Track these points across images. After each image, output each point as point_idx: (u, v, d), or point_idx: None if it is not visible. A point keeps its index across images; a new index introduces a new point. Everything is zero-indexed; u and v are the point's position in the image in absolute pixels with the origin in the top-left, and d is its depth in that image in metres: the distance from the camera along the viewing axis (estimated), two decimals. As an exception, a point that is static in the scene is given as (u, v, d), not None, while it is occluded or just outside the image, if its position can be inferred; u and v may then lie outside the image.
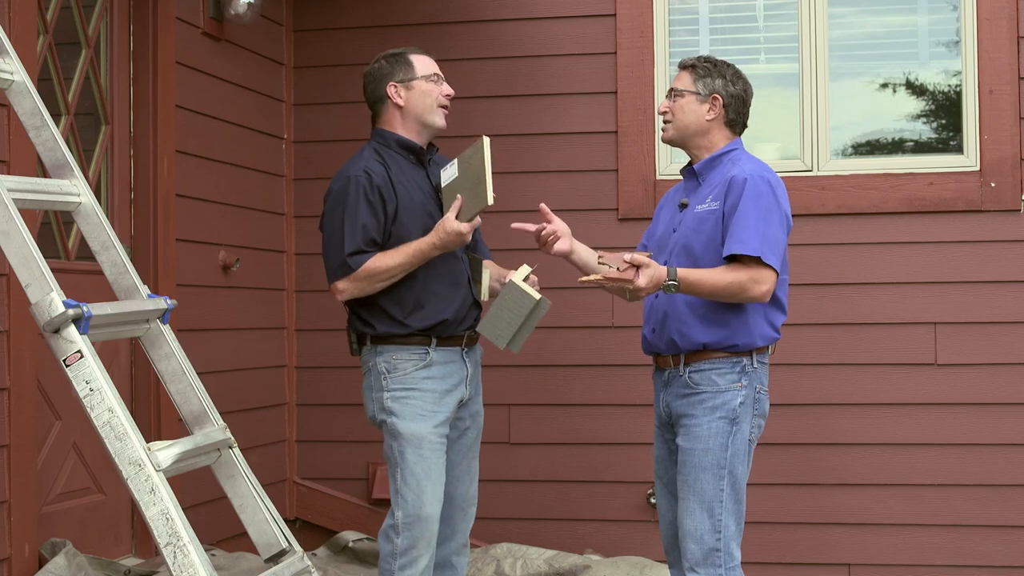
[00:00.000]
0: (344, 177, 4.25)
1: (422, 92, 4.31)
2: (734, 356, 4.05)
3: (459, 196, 4.13)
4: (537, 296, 4.06)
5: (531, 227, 4.26)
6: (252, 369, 6.09)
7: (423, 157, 4.35)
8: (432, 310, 4.21)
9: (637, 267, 3.94)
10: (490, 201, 4.05)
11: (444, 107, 4.35)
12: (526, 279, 4.13)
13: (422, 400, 4.20)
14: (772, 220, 4.01)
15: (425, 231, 4.21)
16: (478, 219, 4.16)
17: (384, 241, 4.21)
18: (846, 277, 5.98)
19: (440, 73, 4.37)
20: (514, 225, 4.29)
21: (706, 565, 4.01)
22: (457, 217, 4.12)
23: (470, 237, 4.17)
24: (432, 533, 4.17)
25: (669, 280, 3.94)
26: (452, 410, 4.26)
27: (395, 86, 4.32)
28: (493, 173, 4.08)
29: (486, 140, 4.11)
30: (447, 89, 4.36)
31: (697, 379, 4.06)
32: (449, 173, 4.26)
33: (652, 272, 3.94)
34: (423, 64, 4.34)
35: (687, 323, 4.07)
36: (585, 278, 4.03)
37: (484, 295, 4.35)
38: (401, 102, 4.32)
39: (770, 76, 6.24)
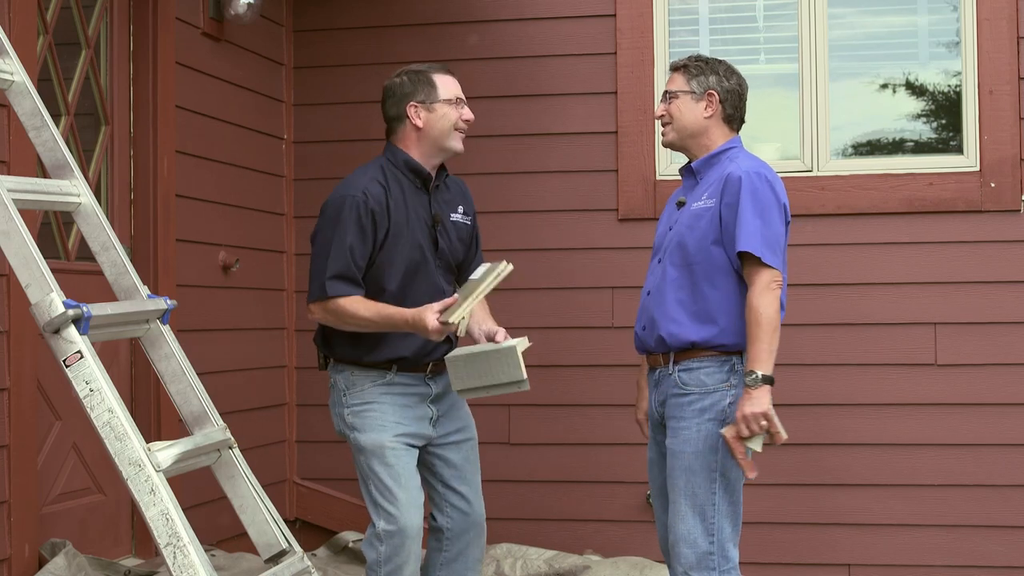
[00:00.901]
0: (340, 196, 4.19)
1: (442, 116, 4.23)
2: (723, 355, 4.03)
3: (457, 296, 4.06)
4: (524, 376, 3.99)
5: None
6: (252, 369, 6.09)
7: (429, 183, 4.29)
8: (393, 345, 4.18)
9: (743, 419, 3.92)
10: (453, 319, 3.94)
11: (462, 132, 4.28)
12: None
13: (380, 412, 4.19)
14: (771, 218, 4.00)
15: (409, 260, 4.18)
16: (453, 327, 4.01)
17: (368, 266, 4.17)
18: (846, 277, 5.98)
19: (463, 96, 4.29)
20: None
21: (700, 569, 3.98)
22: (443, 313, 4.01)
23: (437, 338, 4.04)
24: (414, 539, 4.15)
25: (752, 379, 3.90)
26: (417, 424, 4.23)
27: (415, 107, 4.23)
28: (486, 296, 4.04)
29: (504, 266, 4.03)
30: (467, 114, 4.28)
31: (686, 379, 4.04)
32: (478, 272, 4.17)
33: (744, 403, 3.91)
34: (446, 86, 4.26)
35: (677, 321, 4.05)
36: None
37: (461, 332, 4.18)
38: (420, 123, 4.23)
39: (770, 76, 6.24)
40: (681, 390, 4.04)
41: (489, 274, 4.05)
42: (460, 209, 4.38)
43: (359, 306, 4.13)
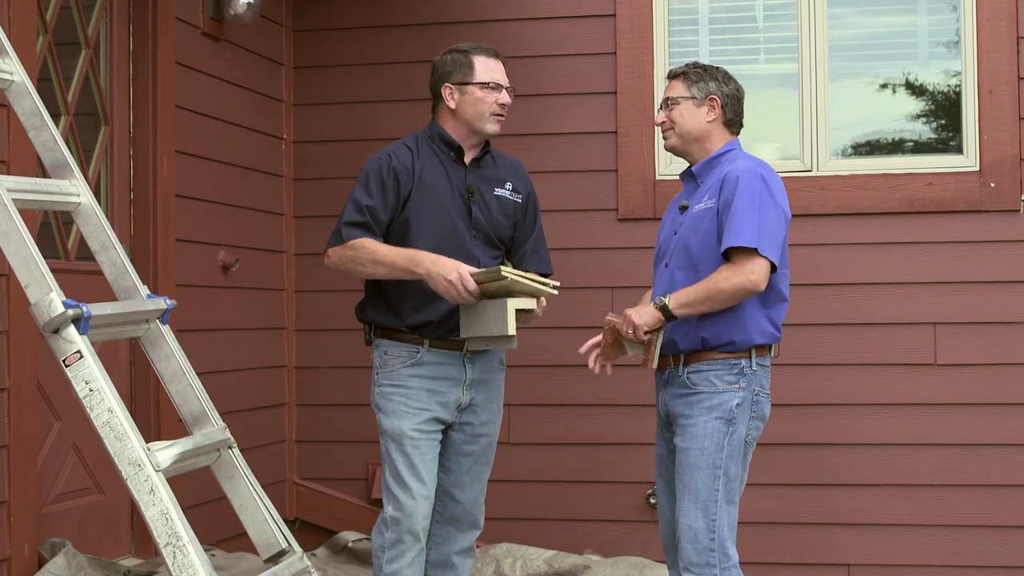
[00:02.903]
0: (369, 161, 4.32)
1: (475, 100, 4.29)
2: (732, 357, 4.06)
3: (497, 285, 4.04)
4: (511, 331, 4.07)
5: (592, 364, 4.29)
6: (252, 369, 6.09)
7: (463, 155, 4.35)
8: (423, 307, 4.23)
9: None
10: (478, 280, 4.04)
11: (497, 116, 4.32)
12: (531, 311, 4.12)
13: (406, 397, 4.23)
14: (767, 213, 4.02)
15: (440, 226, 4.24)
16: (470, 290, 4.05)
17: (392, 221, 4.24)
18: (846, 277, 5.98)
19: (501, 80, 4.33)
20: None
21: (700, 566, 4.02)
22: (474, 276, 4.06)
23: (445, 288, 4.06)
24: (417, 527, 4.20)
25: (660, 300, 4.02)
26: (445, 411, 4.27)
27: (450, 88, 4.30)
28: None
29: (552, 286, 4.12)
30: (504, 98, 4.32)
31: (695, 379, 4.08)
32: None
33: (635, 309, 4.06)
34: (484, 69, 4.31)
35: (687, 323, 4.07)
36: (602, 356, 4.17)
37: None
38: (453, 105, 4.30)
39: (770, 76, 6.24)
40: (690, 390, 4.08)
41: (538, 280, 4.12)
42: (508, 186, 4.42)
43: (378, 246, 4.19)
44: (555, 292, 4.13)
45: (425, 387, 4.24)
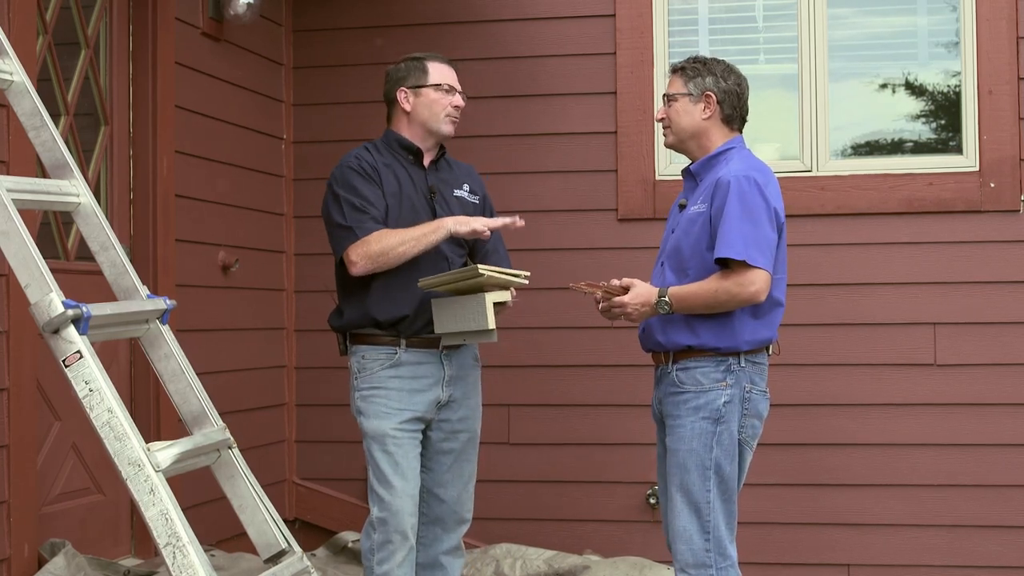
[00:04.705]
0: (336, 167, 4.38)
1: (429, 101, 4.38)
2: (720, 356, 4.04)
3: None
4: (491, 326, 4.11)
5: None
6: (252, 369, 6.09)
7: (421, 158, 4.41)
8: (396, 302, 4.27)
9: (626, 289, 4.04)
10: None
11: (451, 117, 4.40)
12: (505, 303, 4.16)
13: (387, 398, 4.28)
14: (759, 220, 3.98)
15: (405, 223, 4.27)
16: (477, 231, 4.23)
17: (384, 216, 4.28)
18: (846, 277, 5.98)
19: (454, 84, 4.42)
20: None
21: (696, 566, 4.00)
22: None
23: (455, 227, 4.23)
24: (405, 526, 4.23)
25: (660, 297, 4.00)
26: (425, 409, 4.32)
27: (404, 91, 4.40)
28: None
29: (524, 276, 4.18)
30: (457, 100, 4.41)
31: (683, 377, 4.05)
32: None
33: (639, 290, 4.02)
34: (437, 72, 4.41)
35: (672, 324, 4.07)
36: (576, 285, 4.09)
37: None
38: (408, 108, 4.40)
39: (770, 77, 6.24)
40: (678, 388, 4.06)
41: (509, 272, 4.17)
42: (466, 187, 4.50)
43: (391, 232, 4.23)
44: (526, 282, 4.17)
45: (405, 387, 4.29)
